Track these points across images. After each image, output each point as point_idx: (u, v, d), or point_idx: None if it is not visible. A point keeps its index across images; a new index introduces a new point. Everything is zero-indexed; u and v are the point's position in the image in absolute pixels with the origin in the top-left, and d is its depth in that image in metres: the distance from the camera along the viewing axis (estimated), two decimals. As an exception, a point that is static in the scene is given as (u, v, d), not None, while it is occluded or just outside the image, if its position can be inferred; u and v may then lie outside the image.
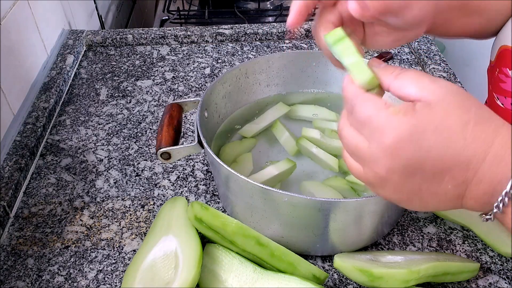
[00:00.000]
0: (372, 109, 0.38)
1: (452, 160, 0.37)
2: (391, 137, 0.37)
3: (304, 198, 0.50)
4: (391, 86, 0.40)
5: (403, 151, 0.37)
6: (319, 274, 0.54)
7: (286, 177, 0.63)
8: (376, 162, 0.39)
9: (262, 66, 0.72)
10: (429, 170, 0.37)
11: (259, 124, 0.70)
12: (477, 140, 0.36)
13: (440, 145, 0.36)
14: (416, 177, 0.38)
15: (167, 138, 0.58)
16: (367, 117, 0.38)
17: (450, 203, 0.39)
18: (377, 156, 0.38)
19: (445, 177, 0.37)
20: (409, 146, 0.37)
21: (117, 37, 1.00)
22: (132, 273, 0.53)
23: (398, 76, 0.40)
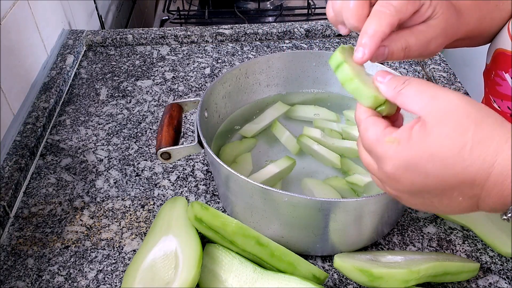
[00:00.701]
0: (372, 137, 0.41)
1: (455, 181, 0.38)
2: (390, 166, 0.40)
3: (304, 198, 0.50)
4: (397, 102, 0.42)
5: (403, 178, 0.40)
6: (319, 274, 0.54)
7: (286, 174, 0.63)
8: (385, 183, 0.42)
9: (262, 66, 0.72)
10: (434, 191, 0.39)
11: (259, 124, 0.70)
12: (477, 161, 0.36)
13: (438, 171, 0.38)
14: (424, 195, 0.40)
15: (167, 138, 0.58)
16: (369, 145, 0.42)
17: (467, 209, 0.40)
18: (384, 179, 0.42)
19: (453, 193, 0.39)
20: (407, 174, 0.39)
21: (117, 37, 1.00)
22: (132, 273, 0.53)
23: (401, 92, 0.41)
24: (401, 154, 0.39)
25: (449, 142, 0.37)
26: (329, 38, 1.02)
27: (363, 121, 0.43)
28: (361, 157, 0.45)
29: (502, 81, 0.59)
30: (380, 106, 0.43)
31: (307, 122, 0.71)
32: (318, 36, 1.02)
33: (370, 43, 0.44)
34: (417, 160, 0.38)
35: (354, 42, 1.00)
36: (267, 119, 0.71)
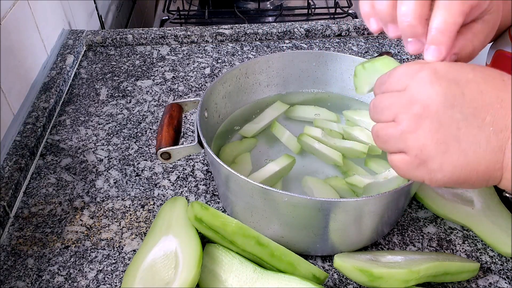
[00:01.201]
0: (405, 65, 0.40)
1: (493, 95, 0.35)
2: (430, 70, 0.38)
3: (304, 198, 0.50)
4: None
5: (441, 80, 0.37)
6: (319, 274, 0.54)
7: (286, 173, 0.63)
8: (413, 98, 0.37)
9: (262, 66, 0.72)
10: (469, 102, 0.36)
11: (258, 124, 0.70)
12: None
13: (479, 79, 0.36)
14: (455, 110, 0.36)
15: (167, 138, 0.58)
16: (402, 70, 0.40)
17: (490, 157, 0.36)
18: (414, 91, 0.37)
19: (486, 116, 0.35)
20: (447, 76, 0.37)
21: (117, 37, 1.00)
22: (132, 273, 0.53)
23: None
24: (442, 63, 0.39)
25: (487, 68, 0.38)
26: (329, 38, 1.02)
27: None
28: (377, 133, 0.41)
29: None
30: None
31: (306, 122, 0.71)
32: (318, 36, 1.02)
33: (444, 38, 0.39)
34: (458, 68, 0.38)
35: (354, 42, 1.00)
36: (267, 118, 0.71)
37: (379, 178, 0.59)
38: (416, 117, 0.37)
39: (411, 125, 0.37)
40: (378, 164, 0.64)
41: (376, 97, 0.42)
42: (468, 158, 0.36)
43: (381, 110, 0.40)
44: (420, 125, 0.37)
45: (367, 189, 0.59)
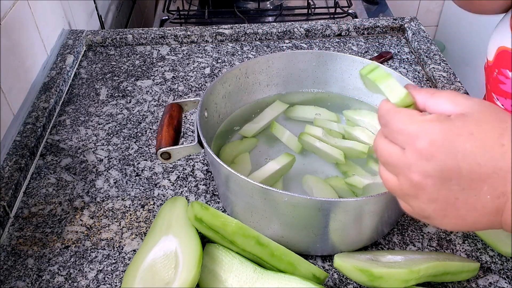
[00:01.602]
0: (406, 118, 0.39)
1: (490, 166, 0.35)
2: (426, 141, 0.37)
3: (304, 198, 0.50)
4: (427, 104, 0.41)
5: (438, 154, 0.37)
6: (319, 274, 0.54)
7: (286, 171, 0.63)
8: (411, 167, 0.38)
9: (262, 66, 0.72)
10: (466, 176, 0.36)
11: (258, 123, 0.70)
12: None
13: (476, 150, 0.36)
14: (452, 182, 0.37)
15: (167, 138, 0.58)
16: (401, 125, 0.39)
17: (488, 219, 0.37)
18: (412, 161, 0.38)
19: (483, 186, 0.36)
20: (444, 149, 0.36)
21: (117, 37, 1.00)
22: (132, 273, 0.53)
23: (434, 94, 0.40)
24: (440, 128, 0.37)
25: (490, 125, 0.36)
26: (329, 38, 1.02)
27: (392, 108, 0.41)
28: (378, 148, 0.42)
29: (506, 79, 0.59)
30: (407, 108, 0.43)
31: (306, 122, 0.71)
32: (318, 36, 1.02)
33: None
34: (455, 136, 0.36)
35: (353, 42, 1.00)
36: (266, 118, 0.71)
37: (379, 179, 0.59)
38: (414, 187, 0.39)
39: (411, 191, 0.39)
40: (377, 164, 0.64)
41: (380, 140, 0.42)
42: (466, 221, 0.38)
43: (384, 161, 0.41)
44: (418, 194, 0.39)
45: (366, 190, 0.59)
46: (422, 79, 0.90)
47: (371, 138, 0.66)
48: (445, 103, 0.39)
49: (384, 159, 0.41)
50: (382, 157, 0.41)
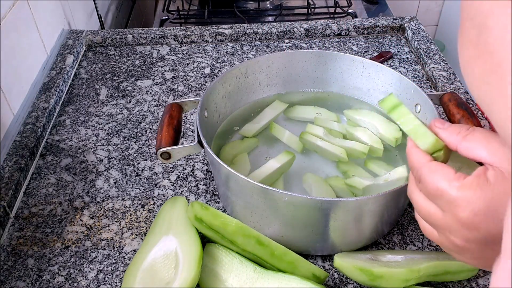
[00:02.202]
0: (443, 181, 0.38)
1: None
2: (468, 212, 0.36)
3: (304, 198, 0.50)
4: (459, 147, 0.40)
5: (481, 224, 0.36)
6: (319, 273, 0.54)
7: (287, 169, 0.64)
8: (453, 232, 0.38)
9: (262, 66, 0.72)
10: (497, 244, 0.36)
11: (258, 123, 0.70)
12: None
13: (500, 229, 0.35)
14: (496, 246, 0.36)
15: (167, 138, 0.58)
16: (438, 190, 0.38)
17: None
18: (453, 227, 0.38)
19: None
20: (487, 219, 0.36)
21: (116, 37, 1.00)
22: (132, 273, 0.53)
23: (466, 137, 0.39)
24: (482, 198, 0.35)
25: None
26: (328, 37, 1.02)
27: (427, 164, 0.39)
28: (417, 203, 0.41)
29: None
30: (436, 152, 0.41)
31: (306, 122, 0.71)
32: (317, 36, 1.02)
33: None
34: (498, 205, 0.35)
35: (353, 41, 1.00)
36: (266, 118, 0.71)
37: (379, 180, 0.59)
38: (457, 247, 0.39)
39: (453, 248, 0.39)
40: (378, 165, 0.64)
41: (416, 193, 0.41)
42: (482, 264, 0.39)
43: (423, 216, 0.41)
44: (461, 253, 0.39)
45: (366, 191, 0.59)
46: (422, 79, 0.90)
47: (372, 138, 0.66)
48: (479, 148, 0.38)
49: (422, 215, 0.41)
50: (420, 212, 0.41)
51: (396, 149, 0.67)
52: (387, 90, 0.70)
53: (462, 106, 0.62)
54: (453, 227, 0.38)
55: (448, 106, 0.63)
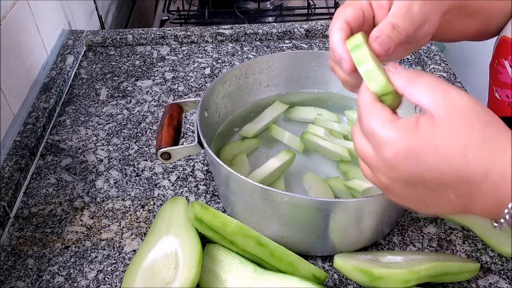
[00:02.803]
0: (376, 122, 0.40)
1: (453, 176, 0.37)
2: (391, 151, 0.38)
3: (304, 198, 0.50)
4: (405, 92, 0.41)
5: (401, 165, 0.38)
6: (319, 274, 0.54)
7: (287, 168, 0.64)
8: (380, 170, 0.41)
9: (262, 66, 0.72)
10: (430, 183, 0.38)
11: (258, 124, 0.70)
12: (479, 159, 0.36)
13: (439, 163, 0.37)
14: (418, 188, 0.39)
15: (167, 138, 0.58)
16: (371, 129, 0.40)
17: (456, 209, 0.40)
18: (379, 165, 0.40)
19: (447, 189, 0.38)
20: (407, 161, 0.38)
21: (117, 37, 1.00)
22: (132, 273, 0.53)
23: (413, 82, 0.40)
24: (405, 141, 0.38)
25: (455, 136, 0.37)
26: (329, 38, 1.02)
27: (369, 103, 0.41)
28: (355, 141, 0.43)
29: (503, 69, 0.59)
30: (385, 95, 0.42)
31: (307, 123, 0.71)
32: (318, 36, 1.02)
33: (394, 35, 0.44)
34: (420, 149, 0.37)
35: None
36: (267, 118, 0.71)
37: None
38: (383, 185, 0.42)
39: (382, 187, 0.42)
40: None
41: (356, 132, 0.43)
42: (436, 210, 0.41)
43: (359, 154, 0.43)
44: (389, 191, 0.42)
45: (365, 194, 0.59)
46: (422, 80, 0.90)
47: None
48: (422, 95, 0.39)
49: (359, 154, 0.43)
50: (357, 151, 0.43)
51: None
52: None
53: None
54: (380, 166, 0.40)
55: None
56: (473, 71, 1.58)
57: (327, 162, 0.66)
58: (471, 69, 1.66)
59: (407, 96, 0.41)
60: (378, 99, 0.42)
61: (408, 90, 0.40)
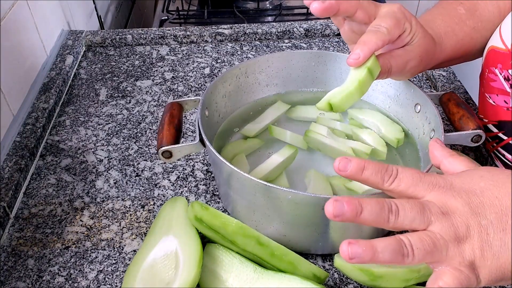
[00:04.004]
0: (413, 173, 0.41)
1: (507, 199, 0.38)
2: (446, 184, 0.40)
3: (307, 196, 0.50)
4: (444, 161, 0.45)
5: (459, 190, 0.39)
6: (319, 273, 0.54)
7: (289, 164, 0.64)
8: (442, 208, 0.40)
9: (261, 66, 0.72)
10: (489, 208, 0.38)
11: (260, 124, 0.70)
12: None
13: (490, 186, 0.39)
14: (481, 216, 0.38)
15: (168, 137, 0.58)
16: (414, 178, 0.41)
17: None
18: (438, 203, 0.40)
19: (507, 219, 0.37)
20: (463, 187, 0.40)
21: (116, 37, 1.00)
22: (133, 273, 0.53)
23: (454, 156, 0.45)
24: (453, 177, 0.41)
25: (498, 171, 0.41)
26: (328, 37, 1.02)
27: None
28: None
29: (495, 77, 0.60)
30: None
31: (308, 122, 0.71)
32: (317, 36, 1.02)
33: (365, 48, 0.51)
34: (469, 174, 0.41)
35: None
36: (268, 118, 0.71)
37: None
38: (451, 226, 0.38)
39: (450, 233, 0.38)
40: None
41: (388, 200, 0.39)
42: (500, 261, 0.37)
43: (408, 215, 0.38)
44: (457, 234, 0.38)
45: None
46: (422, 79, 0.90)
47: (376, 141, 0.66)
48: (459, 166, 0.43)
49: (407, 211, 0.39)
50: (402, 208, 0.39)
51: (396, 150, 0.67)
52: (386, 89, 0.70)
53: (462, 105, 0.62)
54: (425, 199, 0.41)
55: (448, 106, 0.63)
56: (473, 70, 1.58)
57: (329, 161, 0.66)
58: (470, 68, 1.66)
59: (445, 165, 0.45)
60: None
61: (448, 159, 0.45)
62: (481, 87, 0.65)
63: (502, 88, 0.59)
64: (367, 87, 0.53)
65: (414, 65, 0.56)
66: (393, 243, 0.37)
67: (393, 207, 0.38)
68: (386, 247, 0.36)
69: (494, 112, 0.62)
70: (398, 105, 0.69)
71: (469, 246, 0.37)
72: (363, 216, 0.38)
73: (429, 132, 0.62)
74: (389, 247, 0.37)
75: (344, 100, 0.53)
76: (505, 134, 0.62)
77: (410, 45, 0.56)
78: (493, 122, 0.63)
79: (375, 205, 0.38)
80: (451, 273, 0.37)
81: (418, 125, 0.65)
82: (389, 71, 0.55)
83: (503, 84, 0.59)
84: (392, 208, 0.38)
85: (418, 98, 0.65)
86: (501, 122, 0.62)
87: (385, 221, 0.38)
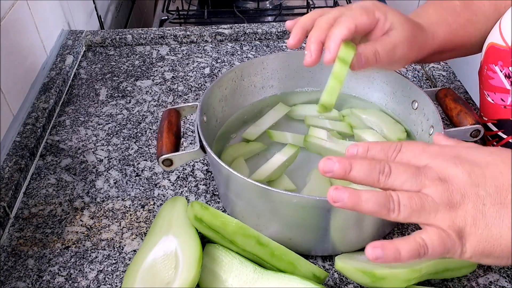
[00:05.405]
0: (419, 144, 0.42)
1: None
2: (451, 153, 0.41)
3: (305, 198, 0.50)
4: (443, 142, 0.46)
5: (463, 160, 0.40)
6: (319, 273, 0.54)
7: (291, 162, 0.64)
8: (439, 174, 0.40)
9: (256, 68, 0.71)
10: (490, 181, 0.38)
11: (261, 127, 0.70)
12: None
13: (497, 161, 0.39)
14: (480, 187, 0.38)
15: (168, 145, 0.58)
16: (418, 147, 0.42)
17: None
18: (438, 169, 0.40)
19: (507, 194, 0.37)
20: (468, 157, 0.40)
21: (116, 37, 1.00)
22: (133, 273, 0.53)
23: (460, 142, 0.44)
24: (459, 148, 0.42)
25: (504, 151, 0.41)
26: (328, 37, 1.02)
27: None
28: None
29: (494, 74, 0.60)
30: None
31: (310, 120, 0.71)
32: (317, 36, 1.02)
33: (331, 43, 0.51)
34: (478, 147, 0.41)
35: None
36: (269, 121, 0.70)
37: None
38: (445, 191, 0.38)
39: (443, 198, 0.38)
40: None
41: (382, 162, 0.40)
42: (491, 232, 0.37)
43: (400, 176, 0.39)
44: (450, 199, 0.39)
45: None
46: (421, 78, 0.90)
47: (378, 140, 0.66)
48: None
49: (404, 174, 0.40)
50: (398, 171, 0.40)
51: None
52: (382, 88, 0.70)
53: (459, 101, 0.62)
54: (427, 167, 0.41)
55: (445, 102, 0.63)
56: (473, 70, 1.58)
57: None
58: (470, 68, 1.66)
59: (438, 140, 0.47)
60: None
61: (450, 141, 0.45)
62: (480, 84, 0.65)
63: (500, 85, 0.59)
64: (343, 75, 0.53)
65: (404, 51, 0.55)
66: (380, 196, 0.38)
67: (385, 169, 0.39)
68: (371, 197, 0.38)
69: (493, 110, 0.62)
70: (395, 103, 0.69)
71: (461, 213, 0.38)
72: (352, 174, 0.39)
73: (428, 129, 0.62)
74: (374, 198, 0.38)
75: (329, 95, 0.54)
76: (505, 132, 0.62)
77: (393, 30, 0.55)
78: (493, 121, 0.63)
79: (365, 165, 0.39)
80: (437, 232, 0.38)
81: (416, 122, 0.65)
82: (376, 56, 0.54)
83: (502, 81, 0.59)
84: (384, 169, 0.39)
85: (415, 94, 0.65)
86: (500, 121, 0.62)
87: (375, 180, 0.39)
